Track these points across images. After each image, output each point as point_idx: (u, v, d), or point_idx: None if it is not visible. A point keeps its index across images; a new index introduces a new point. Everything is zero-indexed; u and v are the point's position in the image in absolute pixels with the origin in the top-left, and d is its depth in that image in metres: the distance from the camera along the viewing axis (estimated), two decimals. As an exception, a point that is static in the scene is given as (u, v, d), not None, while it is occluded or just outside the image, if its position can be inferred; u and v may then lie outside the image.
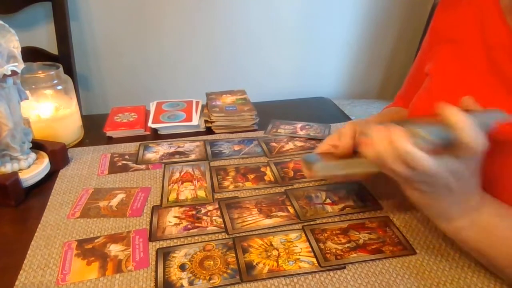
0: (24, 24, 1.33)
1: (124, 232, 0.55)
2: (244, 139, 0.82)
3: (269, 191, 0.64)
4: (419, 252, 0.51)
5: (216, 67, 1.58)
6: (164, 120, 0.85)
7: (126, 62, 1.49)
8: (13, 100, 0.61)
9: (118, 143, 0.80)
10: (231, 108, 0.89)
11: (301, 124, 0.88)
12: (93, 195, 0.63)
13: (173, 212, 0.59)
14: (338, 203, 0.61)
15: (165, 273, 0.48)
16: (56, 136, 0.75)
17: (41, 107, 0.76)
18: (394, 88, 1.76)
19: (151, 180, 0.67)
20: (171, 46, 1.50)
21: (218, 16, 1.48)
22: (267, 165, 0.72)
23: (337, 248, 0.52)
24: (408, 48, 1.67)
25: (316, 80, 1.70)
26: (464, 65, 0.55)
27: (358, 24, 1.61)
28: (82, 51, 1.42)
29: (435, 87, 0.59)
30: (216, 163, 0.73)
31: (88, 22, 1.39)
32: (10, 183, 0.59)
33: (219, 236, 0.54)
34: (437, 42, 0.62)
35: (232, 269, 0.48)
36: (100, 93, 1.53)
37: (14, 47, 0.59)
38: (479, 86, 0.52)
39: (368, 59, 1.70)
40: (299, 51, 1.62)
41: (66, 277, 0.47)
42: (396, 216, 0.58)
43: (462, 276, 0.48)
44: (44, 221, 0.57)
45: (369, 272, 0.48)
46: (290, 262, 0.49)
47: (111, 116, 0.89)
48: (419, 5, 1.60)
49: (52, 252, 0.51)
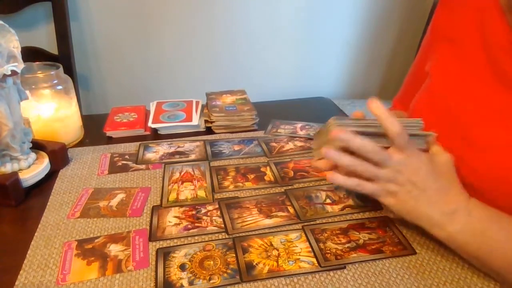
0: (24, 24, 1.33)
1: (124, 232, 0.55)
2: (244, 139, 0.82)
3: (269, 191, 0.64)
4: (419, 252, 0.51)
5: (216, 67, 1.58)
6: (164, 120, 0.85)
7: (126, 62, 1.49)
8: (13, 100, 0.61)
9: (118, 143, 0.80)
10: (231, 108, 0.89)
11: (301, 124, 0.88)
12: (93, 195, 0.63)
13: (173, 212, 0.59)
14: (338, 203, 0.61)
15: (165, 273, 0.48)
16: (56, 136, 0.75)
17: (41, 107, 0.76)
18: (394, 88, 1.75)
19: (151, 180, 0.67)
20: (171, 46, 1.49)
21: (218, 16, 1.48)
22: (267, 165, 0.72)
23: (337, 248, 0.52)
24: (408, 48, 1.67)
25: (316, 80, 1.70)
26: (464, 64, 0.55)
27: (358, 24, 1.61)
28: (82, 51, 1.42)
29: (435, 87, 0.59)
30: (216, 163, 0.73)
31: (88, 22, 1.39)
32: (10, 183, 0.59)
33: (219, 236, 0.54)
34: (437, 41, 0.62)
35: (232, 269, 0.48)
36: (100, 93, 1.52)
37: (14, 47, 0.59)
38: (479, 85, 0.52)
39: (368, 59, 1.70)
40: (299, 51, 1.62)
41: (66, 277, 0.47)
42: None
43: (462, 276, 0.48)
44: (44, 221, 0.57)
45: (369, 272, 0.48)
46: (290, 262, 0.49)
47: (111, 116, 0.89)
48: (419, 5, 1.60)
49: (52, 252, 0.51)
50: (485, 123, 0.50)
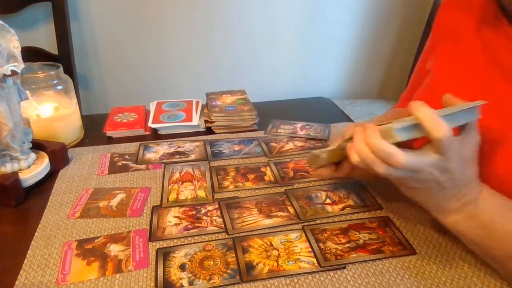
0: (24, 24, 1.33)
1: (124, 232, 0.55)
2: (244, 139, 0.82)
3: (269, 191, 0.64)
4: (419, 252, 0.51)
5: (216, 67, 1.58)
6: (164, 120, 0.85)
7: (126, 62, 1.49)
8: (13, 100, 0.61)
9: (118, 143, 0.80)
10: (231, 108, 0.89)
11: (301, 124, 0.88)
12: (93, 195, 0.63)
13: (173, 212, 0.59)
14: (338, 203, 0.61)
15: (165, 273, 0.48)
16: (56, 136, 0.75)
17: (41, 107, 0.76)
18: (394, 88, 1.76)
19: (151, 180, 0.67)
20: (171, 46, 1.50)
21: (218, 16, 1.48)
22: (267, 165, 0.72)
23: (337, 248, 0.52)
24: (408, 48, 1.67)
25: (316, 80, 1.70)
26: (464, 62, 0.56)
27: (358, 24, 1.61)
28: (82, 51, 1.42)
29: (435, 84, 0.60)
30: (216, 163, 0.73)
31: (88, 22, 1.39)
32: (10, 183, 0.59)
33: (219, 236, 0.54)
34: (439, 40, 0.63)
35: (232, 269, 0.48)
36: (100, 93, 1.53)
37: (14, 47, 0.59)
38: (478, 81, 0.53)
39: (368, 59, 1.70)
40: (299, 51, 1.62)
41: (66, 277, 0.47)
42: (396, 216, 0.58)
43: (462, 276, 0.48)
44: (44, 221, 0.57)
45: (369, 272, 0.48)
46: (290, 262, 0.49)
47: (111, 116, 0.89)
48: (419, 5, 1.60)
49: (52, 252, 0.51)
50: (485, 119, 0.51)
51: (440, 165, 0.42)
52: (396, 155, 0.41)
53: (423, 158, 0.42)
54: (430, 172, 0.42)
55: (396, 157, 0.41)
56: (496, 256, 0.45)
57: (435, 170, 0.42)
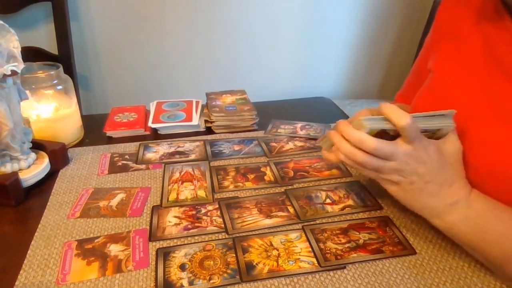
0: (24, 24, 1.33)
1: (124, 232, 0.55)
2: (244, 139, 0.82)
3: (269, 191, 0.64)
4: (419, 252, 0.51)
5: (216, 67, 1.58)
6: (164, 120, 0.85)
7: (126, 62, 1.49)
8: (13, 100, 0.61)
9: (118, 143, 0.80)
10: (231, 108, 0.89)
11: (301, 124, 0.88)
12: (93, 195, 0.63)
13: (173, 212, 0.59)
14: (338, 203, 0.61)
15: (165, 273, 0.48)
16: (56, 136, 0.75)
17: (41, 107, 0.76)
18: (394, 88, 1.75)
19: (151, 180, 0.67)
20: (171, 46, 1.49)
21: (218, 16, 1.48)
22: (267, 165, 0.72)
23: (337, 248, 0.52)
24: (408, 48, 1.67)
25: (316, 80, 1.70)
26: (464, 61, 0.56)
27: (358, 24, 1.61)
28: (82, 51, 1.42)
29: (436, 84, 0.60)
30: (216, 163, 0.73)
31: (88, 22, 1.39)
32: (10, 183, 0.59)
33: (219, 236, 0.54)
34: (439, 39, 0.63)
35: (232, 269, 0.48)
36: (100, 93, 1.52)
37: (14, 47, 0.59)
38: (478, 81, 0.53)
39: (368, 59, 1.70)
40: (299, 51, 1.62)
41: (66, 277, 0.47)
42: (396, 216, 0.58)
43: (462, 276, 0.48)
44: (44, 221, 0.57)
45: (369, 272, 0.48)
46: (290, 262, 0.49)
47: (111, 116, 0.89)
48: (419, 5, 1.60)
49: (52, 252, 0.51)
50: (485, 118, 0.51)
51: (411, 154, 0.45)
52: (368, 140, 0.45)
53: (393, 145, 0.46)
54: (406, 161, 0.45)
55: (367, 141, 0.45)
56: (495, 259, 0.45)
57: (410, 160, 0.45)
